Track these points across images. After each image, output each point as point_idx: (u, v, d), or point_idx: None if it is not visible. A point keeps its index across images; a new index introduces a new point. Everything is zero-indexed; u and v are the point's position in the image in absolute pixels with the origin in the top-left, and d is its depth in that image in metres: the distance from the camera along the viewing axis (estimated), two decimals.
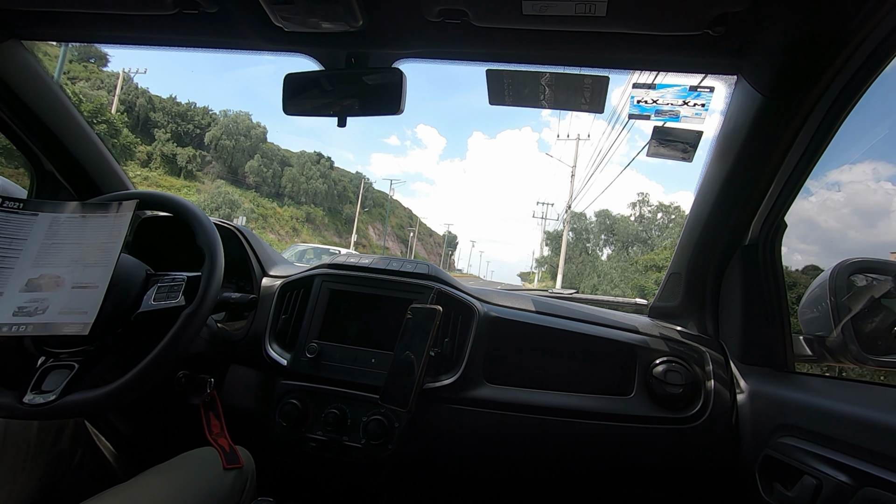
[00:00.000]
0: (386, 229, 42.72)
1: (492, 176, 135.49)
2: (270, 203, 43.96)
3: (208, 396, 1.00)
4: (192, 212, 0.93)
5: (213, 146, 41.19)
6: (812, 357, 0.93)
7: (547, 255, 35.62)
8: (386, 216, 42.73)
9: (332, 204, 52.50)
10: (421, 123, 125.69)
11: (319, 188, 49.53)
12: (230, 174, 42.56)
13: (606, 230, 34.08)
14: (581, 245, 34.11)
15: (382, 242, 59.12)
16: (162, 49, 0.99)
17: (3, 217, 0.77)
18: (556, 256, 29.70)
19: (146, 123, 38.40)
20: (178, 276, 0.89)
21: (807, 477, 0.70)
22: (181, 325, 0.80)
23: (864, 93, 0.74)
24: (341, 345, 1.07)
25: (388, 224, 64.69)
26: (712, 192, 0.97)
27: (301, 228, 46.87)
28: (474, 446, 1.02)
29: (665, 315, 1.20)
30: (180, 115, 41.25)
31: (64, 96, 1.14)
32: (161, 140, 37.96)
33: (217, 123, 42.83)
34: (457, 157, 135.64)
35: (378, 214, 64.48)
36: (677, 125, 0.90)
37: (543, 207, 36.61)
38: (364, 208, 59.52)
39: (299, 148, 67.74)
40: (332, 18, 0.76)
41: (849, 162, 3.58)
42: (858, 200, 14.87)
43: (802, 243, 10.61)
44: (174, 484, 0.80)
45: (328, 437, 1.03)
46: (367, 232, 58.15)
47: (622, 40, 0.77)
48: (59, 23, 0.94)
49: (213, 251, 0.87)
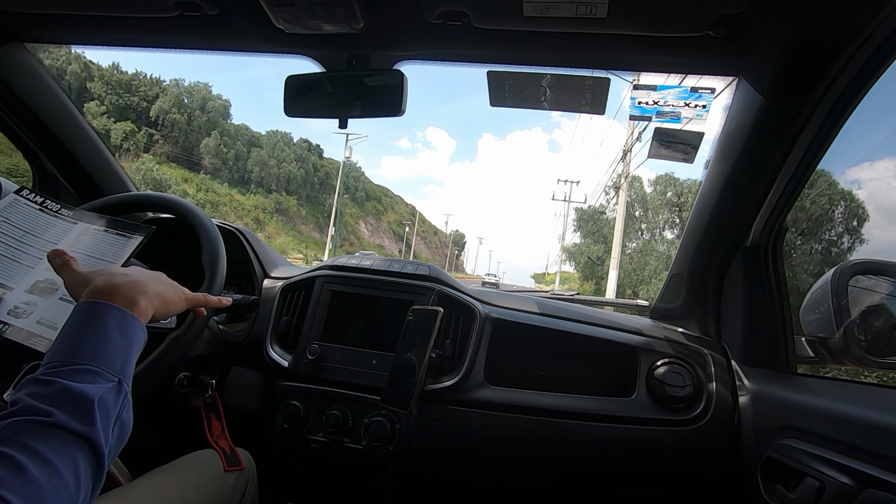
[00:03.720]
0: (337, 217, 30.58)
1: (502, 177, 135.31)
2: (226, 189, 37.21)
3: (209, 398, 1.00)
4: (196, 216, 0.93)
5: (161, 121, 35.23)
6: (814, 358, 0.92)
7: (580, 244, 22.67)
8: (339, 190, 31.24)
9: (311, 193, 44.55)
10: (431, 126, 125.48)
11: (294, 173, 42.03)
12: (184, 155, 36.47)
13: (670, 206, 19.42)
14: (635, 226, 20.27)
15: (376, 240, 53.04)
16: (163, 51, 0.99)
17: (50, 221, 0.77)
18: (596, 244, 21.17)
19: (81, 95, 33.18)
20: None
21: (809, 479, 0.70)
22: (164, 349, 0.81)
23: (866, 94, 0.74)
24: (342, 346, 1.07)
25: (384, 219, 58.45)
26: (714, 193, 0.96)
27: (267, 220, 39.47)
28: (475, 447, 1.02)
29: (667, 316, 1.20)
30: (123, 86, 35.46)
31: (66, 98, 1.15)
32: (92, 113, 32.17)
33: (166, 94, 35.84)
34: (467, 159, 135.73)
35: (373, 208, 57.68)
36: (678, 126, 0.90)
37: (566, 187, 26.83)
38: (354, 201, 52.79)
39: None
40: (333, 20, 0.76)
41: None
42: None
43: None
44: (175, 486, 0.80)
45: (329, 439, 1.03)
46: (356, 228, 51.95)
47: (623, 42, 0.77)
48: (61, 25, 0.95)
49: (213, 272, 0.88)
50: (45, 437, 0.41)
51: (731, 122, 0.88)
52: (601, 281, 20.37)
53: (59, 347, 0.48)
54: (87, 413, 0.44)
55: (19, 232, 0.73)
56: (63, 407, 0.43)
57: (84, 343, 0.48)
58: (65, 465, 0.40)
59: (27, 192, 0.76)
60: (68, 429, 0.42)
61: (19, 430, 0.40)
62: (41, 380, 0.45)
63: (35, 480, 0.38)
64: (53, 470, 0.39)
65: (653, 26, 0.72)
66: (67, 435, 0.42)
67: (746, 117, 0.84)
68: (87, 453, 0.43)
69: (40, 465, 0.39)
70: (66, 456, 0.41)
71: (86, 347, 0.48)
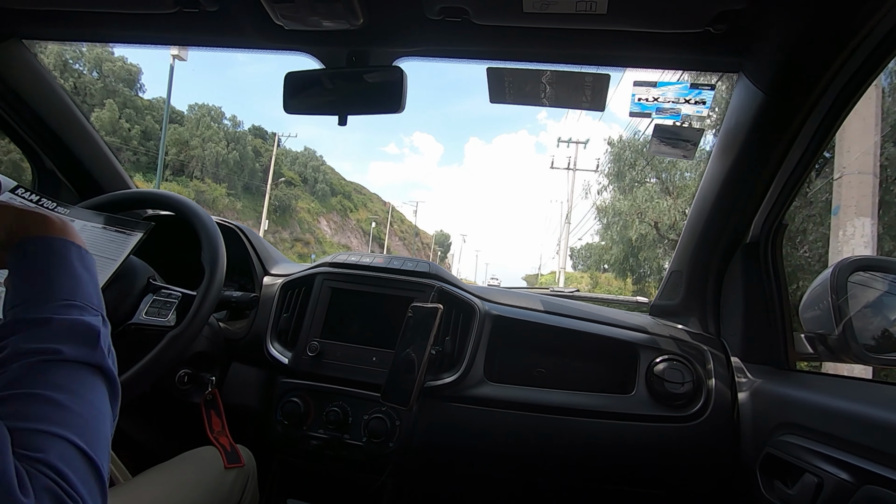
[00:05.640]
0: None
1: (490, 181, 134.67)
2: (128, 173, 28.44)
3: (210, 395, 1.00)
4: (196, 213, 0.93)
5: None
6: (813, 355, 0.93)
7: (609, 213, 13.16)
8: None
9: (251, 182, 34.98)
10: (417, 131, 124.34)
11: (224, 156, 32.20)
12: None
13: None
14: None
15: (341, 239, 45.02)
16: (162, 48, 0.99)
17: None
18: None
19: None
20: (174, 293, 0.90)
21: (808, 475, 0.70)
22: (164, 346, 0.81)
23: (866, 90, 0.74)
24: (342, 343, 1.07)
25: (354, 216, 49.68)
26: (713, 189, 0.96)
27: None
28: (475, 444, 1.02)
29: (666, 313, 1.20)
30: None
31: (65, 95, 1.14)
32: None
33: (45, 52, 25.67)
34: (454, 163, 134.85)
35: (338, 204, 48.01)
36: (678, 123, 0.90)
37: (571, 150, 19.78)
38: (314, 195, 43.27)
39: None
40: (332, 16, 0.76)
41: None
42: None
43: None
44: (175, 483, 0.80)
45: (329, 436, 1.03)
46: (315, 225, 42.36)
47: (623, 38, 0.77)
48: (59, 22, 0.94)
49: (213, 269, 0.88)
50: (64, 372, 0.40)
51: (731, 119, 0.88)
52: (645, 280, 12.84)
53: (31, 287, 0.45)
54: (94, 344, 0.43)
55: None
56: (69, 342, 0.42)
57: (57, 280, 0.46)
58: (93, 394, 0.41)
59: (22, 190, 0.75)
60: (81, 361, 0.42)
61: (37, 371, 0.39)
62: (30, 320, 0.42)
63: (75, 411, 0.38)
64: (85, 400, 0.40)
65: (653, 22, 0.71)
66: (83, 367, 0.42)
67: (746, 113, 0.84)
68: (103, 381, 0.43)
69: (72, 398, 0.39)
70: (89, 385, 0.41)
71: (60, 284, 0.46)
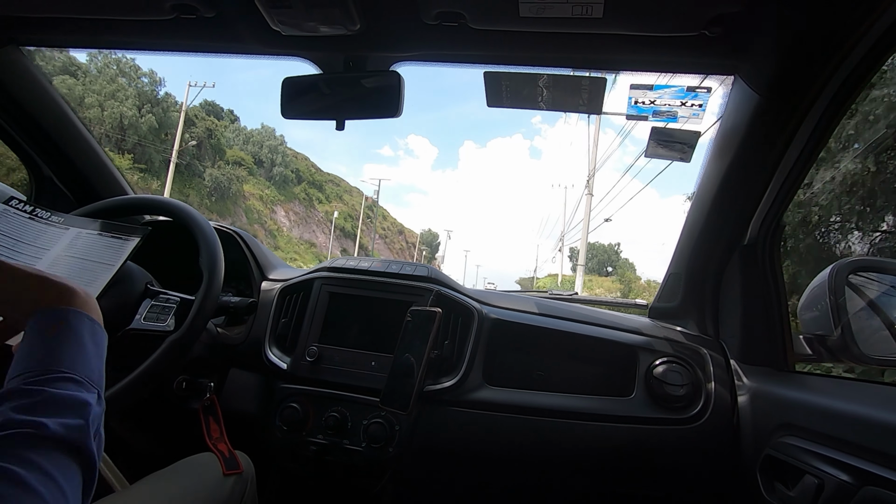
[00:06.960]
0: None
1: (485, 184, 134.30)
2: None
3: (208, 401, 1.00)
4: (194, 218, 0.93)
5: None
6: (812, 356, 0.93)
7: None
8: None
9: (169, 155, 24.89)
10: (412, 134, 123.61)
11: (132, 119, 24.71)
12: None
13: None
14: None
15: (304, 234, 38.34)
16: (160, 54, 0.99)
17: (41, 228, 0.77)
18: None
19: None
20: (172, 298, 0.89)
21: (808, 476, 0.70)
22: (164, 351, 0.81)
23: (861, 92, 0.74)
24: (341, 348, 1.07)
25: (322, 208, 42.07)
26: (710, 192, 0.97)
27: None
28: (475, 448, 1.02)
29: (665, 315, 1.20)
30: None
31: (62, 102, 1.14)
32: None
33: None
34: (449, 167, 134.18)
35: (302, 193, 41.68)
36: (675, 126, 0.90)
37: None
38: (270, 179, 37.00)
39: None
40: (329, 22, 0.76)
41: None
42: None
43: None
44: (173, 490, 0.79)
45: (328, 441, 1.03)
46: (270, 214, 36.89)
47: (619, 41, 0.78)
48: (57, 29, 0.95)
49: (211, 274, 0.87)
50: (40, 449, 0.40)
51: (727, 121, 0.88)
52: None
53: (35, 357, 0.46)
54: (80, 421, 0.43)
55: (10, 241, 0.72)
56: (55, 416, 0.42)
57: (62, 352, 0.46)
58: (62, 476, 0.40)
59: (16, 201, 0.75)
60: (62, 439, 0.41)
61: (14, 444, 0.39)
62: (25, 390, 0.43)
63: (36, 492, 0.37)
64: (52, 480, 0.39)
65: (648, 26, 0.72)
66: (62, 445, 0.41)
67: (742, 116, 0.84)
68: (79, 463, 0.42)
69: (40, 477, 0.38)
70: (62, 466, 0.40)
71: (64, 357, 0.46)
